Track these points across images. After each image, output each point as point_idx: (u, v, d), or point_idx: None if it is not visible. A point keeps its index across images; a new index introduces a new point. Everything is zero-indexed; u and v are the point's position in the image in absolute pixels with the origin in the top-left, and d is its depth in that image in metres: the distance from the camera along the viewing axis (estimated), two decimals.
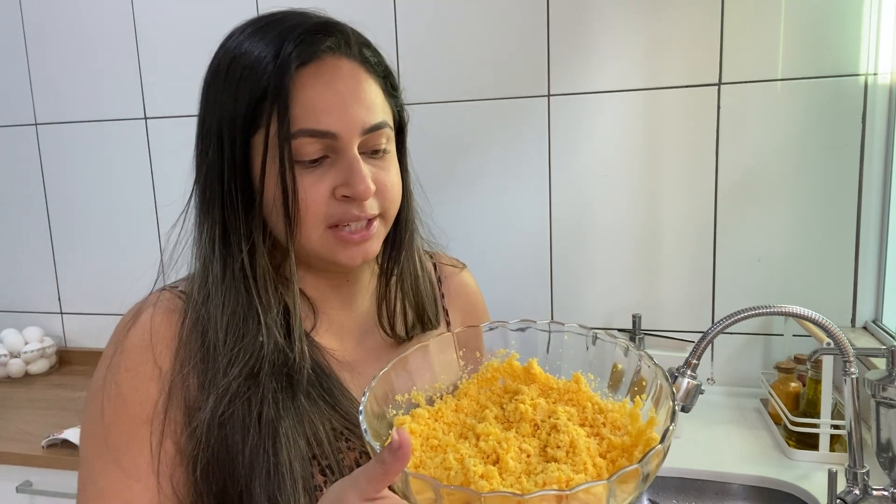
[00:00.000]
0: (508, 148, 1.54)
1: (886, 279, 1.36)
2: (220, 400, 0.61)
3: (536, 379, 0.58)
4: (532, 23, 1.49)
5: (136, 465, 0.62)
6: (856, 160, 1.36)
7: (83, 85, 1.80)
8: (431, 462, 0.50)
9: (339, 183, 0.64)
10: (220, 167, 0.65)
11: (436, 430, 0.54)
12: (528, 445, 0.51)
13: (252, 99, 0.62)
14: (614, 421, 0.54)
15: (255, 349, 0.63)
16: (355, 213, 0.65)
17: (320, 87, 0.63)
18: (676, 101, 1.44)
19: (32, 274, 1.94)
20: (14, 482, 1.41)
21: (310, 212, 0.64)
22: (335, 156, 0.64)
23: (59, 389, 1.76)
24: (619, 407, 0.55)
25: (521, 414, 0.54)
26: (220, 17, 1.67)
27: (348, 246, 0.66)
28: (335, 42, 0.64)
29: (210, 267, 0.66)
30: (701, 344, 0.92)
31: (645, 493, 1.20)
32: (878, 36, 1.31)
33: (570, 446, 0.50)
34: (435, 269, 0.85)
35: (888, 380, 0.89)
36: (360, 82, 0.65)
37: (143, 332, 0.65)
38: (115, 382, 0.64)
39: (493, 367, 0.60)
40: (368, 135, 0.65)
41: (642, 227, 1.50)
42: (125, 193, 1.82)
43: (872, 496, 0.92)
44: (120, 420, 0.63)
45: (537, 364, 0.59)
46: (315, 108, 0.62)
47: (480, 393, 0.59)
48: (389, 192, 0.68)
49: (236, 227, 0.65)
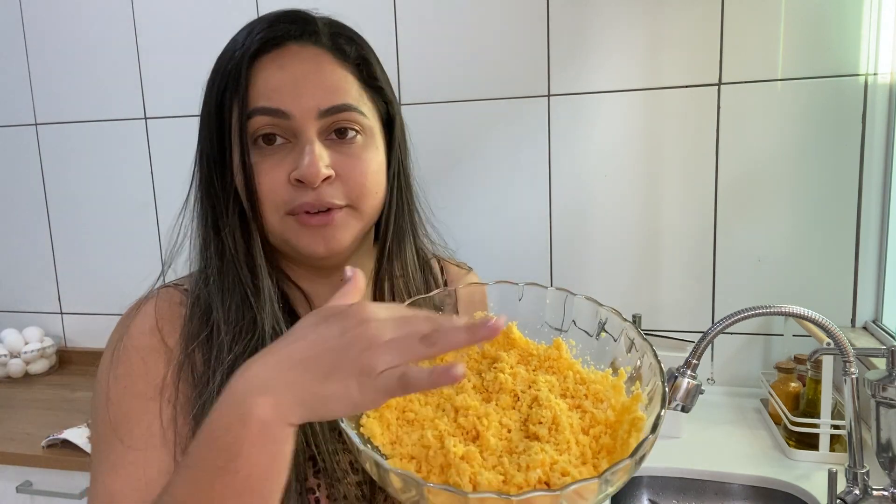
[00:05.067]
0: (508, 148, 1.54)
1: (886, 279, 1.36)
2: (227, 374, 0.61)
3: (516, 344, 0.56)
4: (532, 23, 1.49)
5: (146, 438, 0.62)
6: (856, 160, 1.36)
7: (83, 85, 1.80)
8: (409, 438, 0.49)
9: (294, 167, 0.63)
10: (203, 157, 0.67)
11: (412, 402, 0.51)
12: (509, 419, 0.49)
13: (220, 88, 0.64)
14: (596, 393, 0.52)
15: (255, 328, 0.64)
16: (309, 199, 0.63)
17: (275, 69, 0.63)
18: (676, 101, 1.44)
19: (32, 274, 1.94)
20: (14, 482, 1.41)
21: (268, 197, 0.64)
22: (294, 140, 0.64)
23: (59, 389, 1.76)
24: (601, 378, 0.54)
25: (501, 384, 0.52)
26: (220, 18, 1.67)
27: (308, 230, 0.64)
28: (298, 29, 0.65)
29: (207, 251, 0.68)
30: (701, 344, 0.92)
31: (645, 493, 1.20)
32: (878, 36, 1.31)
33: (553, 423, 0.48)
34: (441, 272, 0.84)
35: (888, 380, 0.89)
36: (320, 65, 0.65)
37: (149, 317, 0.66)
38: (123, 362, 0.64)
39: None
40: (329, 117, 0.63)
41: (642, 227, 1.50)
42: (125, 193, 1.82)
43: (872, 496, 0.92)
44: (127, 396, 0.63)
45: (517, 328, 0.57)
46: (269, 88, 0.63)
47: (458, 359, 0.56)
48: (356, 181, 0.65)
49: (224, 215, 0.66)
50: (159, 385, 0.63)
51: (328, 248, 0.65)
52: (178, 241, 0.71)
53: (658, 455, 1.21)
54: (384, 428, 0.49)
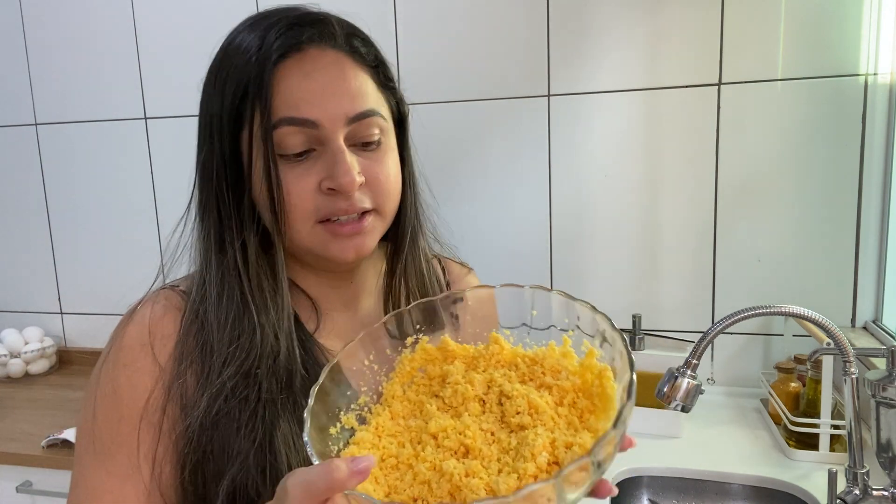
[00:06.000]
0: (508, 148, 1.54)
1: (886, 279, 1.36)
2: (215, 399, 0.61)
3: (456, 354, 0.55)
4: (532, 23, 1.49)
5: (125, 463, 0.62)
6: (856, 160, 1.36)
7: (83, 85, 1.80)
8: (402, 483, 0.46)
9: (325, 175, 0.62)
10: (212, 165, 0.65)
11: (388, 449, 0.49)
12: (488, 423, 0.48)
13: (236, 95, 0.62)
14: (552, 367, 0.51)
15: (251, 348, 0.63)
16: (343, 206, 0.62)
17: (300, 77, 0.62)
18: (676, 100, 1.44)
19: (32, 274, 1.94)
20: (14, 482, 1.41)
21: (297, 207, 0.62)
22: (321, 148, 0.63)
23: (59, 389, 1.76)
24: (548, 352, 0.53)
25: (463, 395, 0.51)
26: (220, 17, 1.67)
27: (339, 239, 0.64)
28: (317, 32, 0.63)
29: (207, 266, 0.66)
30: (701, 344, 0.92)
31: (645, 493, 1.20)
32: (878, 36, 1.31)
33: (530, 407, 0.48)
34: (444, 272, 0.84)
35: (888, 380, 0.89)
36: (343, 70, 0.63)
37: (142, 329, 0.65)
38: (111, 379, 0.63)
39: (409, 358, 0.56)
40: (355, 124, 0.63)
41: (642, 226, 1.50)
42: (125, 193, 1.82)
43: (872, 496, 0.92)
44: (112, 418, 0.62)
45: (448, 338, 0.56)
46: (295, 98, 0.61)
47: (408, 391, 0.54)
48: (382, 185, 0.65)
49: (230, 226, 0.65)
50: (142, 410, 0.62)
51: (358, 255, 0.65)
52: (177, 254, 0.70)
53: (658, 455, 1.21)
54: (374, 484, 0.47)
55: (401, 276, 0.73)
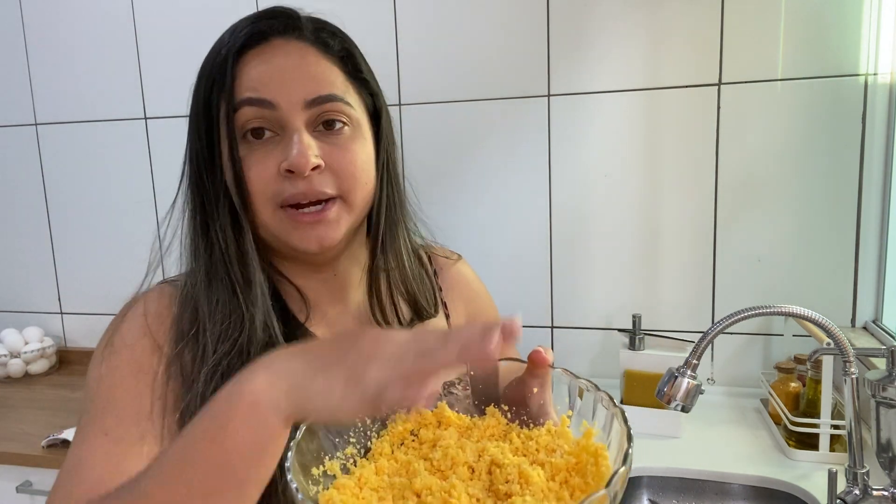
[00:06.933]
0: (508, 148, 1.54)
1: (886, 279, 1.36)
2: (211, 375, 0.62)
3: (450, 422, 0.54)
4: (532, 23, 1.49)
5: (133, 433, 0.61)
6: (856, 160, 1.36)
7: (83, 85, 1.80)
8: None
9: (283, 158, 0.63)
10: (193, 156, 0.67)
11: (368, 500, 0.47)
12: (475, 489, 0.46)
13: (207, 86, 0.65)
14: (546, 444, 0.51)
15: (243, 327, 0.64)
16: (302, 188, 0.63)
17: (261, 63, 0.64)
18: (676, 101, 1.44)
19: (32, 274, 1.94)
20: (14, 482, 1.41)
21: (257, 189, 0.64)
22: (282, 133, 0.64)
23: (59, 389, 1.76)
24: (543, 432, 0.52)
25: (453, 459, 0.49)
26: (219, 17, 1.66)
27: (301, 227, 0.65)
28: (281, 25, 0.66)
29: (196, 252, 0.68)
30: (701, 344, 0.92)
31: (645, 493, 1.20)
32: (878, 36, 1.31)
33: (521, 476, 0.46)
34: (430, 261, 0.84)
35: (888, 380, 0.89)
36: (304, 57, 0.65)
37: (139, 315, 0.67)
38: (114, 353, 0.64)
39: (402, 419, 0.54)
40: (315, 108, 0.64)
41: (642, 226, 1.50)
42: (125, 193, 1.82)
43: (872, 496, 0.92)
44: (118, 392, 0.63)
45: (445, 405, 0.55)
46: (254, 81, 0.63)
47: (397, 451, 0.52)
48: (346, 170, 0.66)
49: (212, 212, 0.66)
50: (150, 381, 0.63)
51: (321, 245, 0.66)
52: (168, 241, 0.71)
53: (658, 455, 1.21)
54: None
55: (379, 269, 0.74)
